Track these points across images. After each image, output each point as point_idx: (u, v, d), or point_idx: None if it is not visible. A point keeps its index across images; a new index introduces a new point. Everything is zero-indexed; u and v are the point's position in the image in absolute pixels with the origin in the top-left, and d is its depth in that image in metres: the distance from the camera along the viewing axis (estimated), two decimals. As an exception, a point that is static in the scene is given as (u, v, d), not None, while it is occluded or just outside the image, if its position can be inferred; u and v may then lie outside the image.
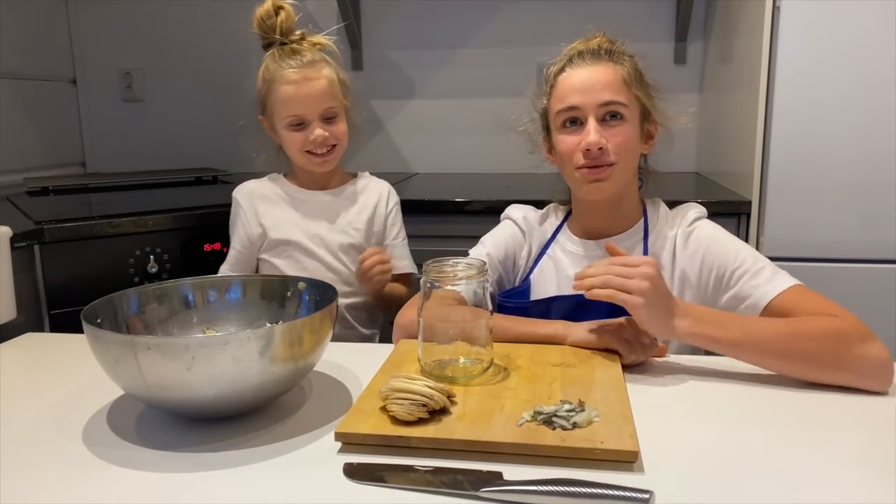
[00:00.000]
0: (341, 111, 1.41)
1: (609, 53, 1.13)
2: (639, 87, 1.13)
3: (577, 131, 1.12)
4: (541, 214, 1.28)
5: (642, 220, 1.19)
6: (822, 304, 0.99)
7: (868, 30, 1.60)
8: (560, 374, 0.92)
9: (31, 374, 1.05)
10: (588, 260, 1.17)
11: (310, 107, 1.36)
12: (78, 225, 1.65)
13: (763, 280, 1.05)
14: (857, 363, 0.89)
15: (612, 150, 1.10)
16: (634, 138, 1.13)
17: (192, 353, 0.74)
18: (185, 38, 2.61)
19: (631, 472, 0.71)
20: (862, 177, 1.65)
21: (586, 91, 1.11)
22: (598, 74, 1.11)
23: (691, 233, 1.15)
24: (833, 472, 0.72)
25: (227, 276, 1.38)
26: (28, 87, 2.45)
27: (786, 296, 1.02)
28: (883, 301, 1.65)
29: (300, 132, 1.38)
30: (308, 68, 1.35)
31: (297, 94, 1.35)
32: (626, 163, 1.12)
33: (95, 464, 0.75)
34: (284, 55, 1.36)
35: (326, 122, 1.38)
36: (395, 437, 0.76)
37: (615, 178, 1.12)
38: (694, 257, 1.13)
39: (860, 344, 0.90)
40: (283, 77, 1.34)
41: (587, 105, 1.10)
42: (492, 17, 2.45)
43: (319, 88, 1.35)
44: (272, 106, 1.39)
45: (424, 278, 0.93)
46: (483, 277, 0.92)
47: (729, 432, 0.80)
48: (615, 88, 1.10)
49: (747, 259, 1.08)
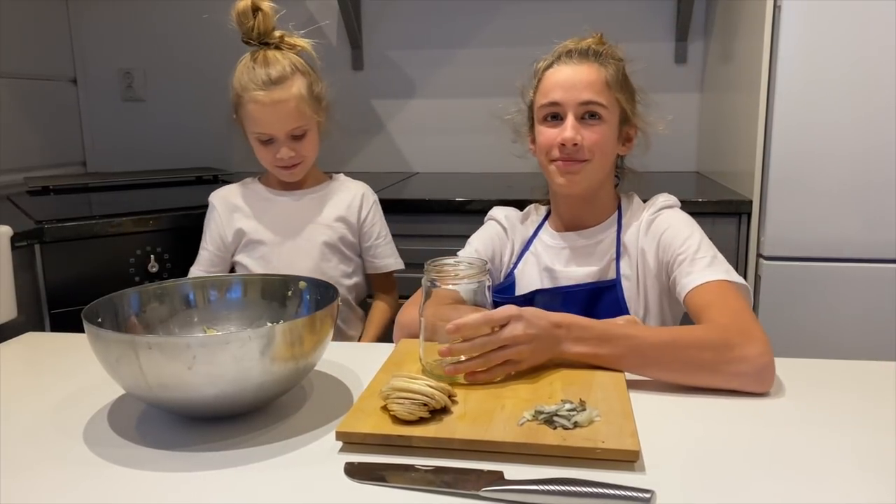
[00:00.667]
0: (311, 127, 1.40)
1: (596, 55, 1.17)
2: (620, 90, 1.17)
3: (557, 126, 1.16)
4: (522, 214, 1.33)
5: (616, 213, 1.23)
6: (730, 305, 0.99)
7: (869, 29, 1.60)
8: (561, 374, 0.92)
9: (31, 373, 1.05)
10: (567, 251, 1.23)
11: (277, 127, 1.36)
12: (78, 224, 1.65)
13: (696, 269, 1.07)
14: (732, 368, 0.89)
15: (586, 146, 1.14)
16: (610, 139, 1.17)
17: (194, 352, 0.74)
18: (185, 38, 2.61)
19: (632, 472, 0.71)
20: (862, 176, 1.65)
21: (568, 88, 1.15)
22: (581, 74, 1.15)
23: (654, 220, 1.19)
24: (834, 472, 0.72)
25: (228, 275, 1.39)
26: (28, 87, 2.45)
27: (702, 289, 1.04)
28: (883, 301, 1.65)
29: (268, 148, 1.39)
30: (277, 88, 1.33)
31: (265, 116, 1.35)
32: (599, 161, 1.16)
33: (96, 463, 0.75)
34: (257, 65, 1.34)
35: (294, 140, 1.38)
36: (396, 437, 0.76)
37: (587, 174, 1.16)
38: (652, 242, 1.17)
39: (737, 349, 0.89)
40: (251, 96, 1.34)
41: (568, 102, 1.14)
42: (492, 17, 2.45)
43: (286, 110, 1.34)
44: (242, 117, 1.39)
45: (425, 278, 0.93)
46: (484, 276, 0.93)
47: (730, 432, 0.80)
48: (596, 89, 1.14)
49: (691, 247, 1.10)
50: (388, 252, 1.55)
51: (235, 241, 1.47)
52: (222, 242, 1.47)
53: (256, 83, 1.33)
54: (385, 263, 1.53)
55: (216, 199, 1.50)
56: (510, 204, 1.39)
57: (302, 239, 1.45)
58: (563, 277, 1.22)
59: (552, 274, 1.23)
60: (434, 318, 0.92)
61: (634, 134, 1.23)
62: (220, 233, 1.47)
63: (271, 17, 1.36)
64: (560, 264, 1.23)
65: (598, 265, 1.21)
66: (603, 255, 1.21)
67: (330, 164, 1.47)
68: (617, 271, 1.19)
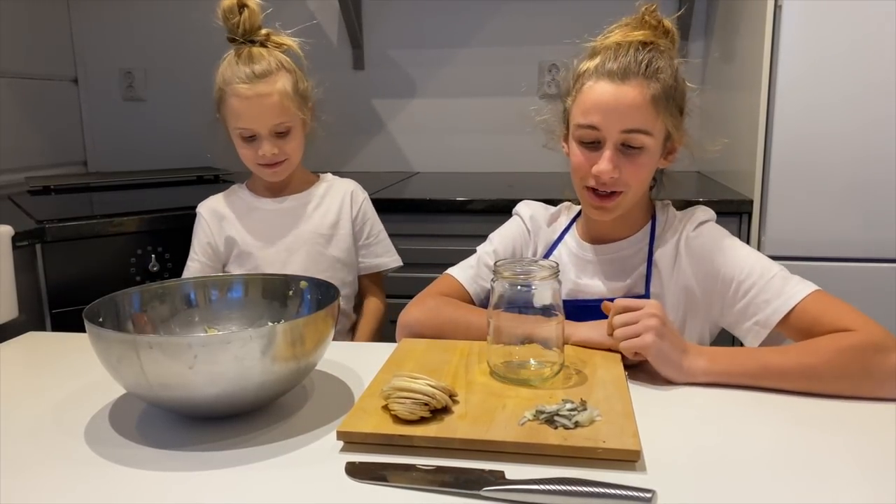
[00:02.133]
0: (296, 125, 1.36)
1: (645, 65, 1.03)
2: (668, 104, 1.04)
3: (594, 149, 1.06)
4: (550, 214, 1.25)
5: (649, 225, 1.15)
6: (842, 312, 0.95)
7: (870, 29, 1.60)
8: (561, 374, 0.91)
9: (32, 373, 1.05)
10: (591, 265, 1.15)
11: (259, 123, 1.33)
12: (79, 224, 1.65)
13: (773, 293, 1.00)
14: (876, 376, 0.87)
15: (623, 179, 1.05)
16: (652, 166, 1.08)
17: (195, 351, 0.74)
18: (186, 38, 2.61)
19: (633, 472, 0.71)
20: (863, 176, 1.65)
21: (608, 113, 1.03)
22: (625, 97, 1.02)
23: (695, 238, 1.11)
24: (835, 472, 0.72)
25: (229, 274, 1.38)
26: (29, 87, 2.45)
27: (804, 306, 0.97)
28: (884, 300, 1.65)
29: (250, 145, 1.35)
30: (261, 82, 1.31)
31: (247, 110, 1.32)
32: (636, 191, 1.08)
33: (97, 462, 0.75)
34: (241, 61, 1.32)
35: (278, 137, 1.35)
36: (397, 437, 0.76)
37: (622, 205, 1.08)
38: (697, 265, 1.09)
39: (879, 356, 0.88)
40: (234, 90, 1.31)
41: (607, 129, 1.03)
42: (493, 17, 2.45)
43: (270, 105, 1.31)
44: (225, 113, 1.36)
45: (496, 279, 0.92)
46: (555, 279, 0.91)
47: (731, 432, 0.80)
48: (641, 115, 1.02)
49: (755, 269, 1.03)
50: (386, 250, 1.52)
51: (227, 251, 1.44)
52: (213, 252, 1.44)
53: (240, 77, 1.31)
54: (382, 262, 1.51)
55: (203, 209, 1.46)
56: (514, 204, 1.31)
57: (295, 246, 1.42)
58: (589, 291, 1.14)
59: (574, 286, 1.15)
60: (503, 319, 0.91)
61: (681, 143, 1.11)
62: (211, 241, 1.44)
63: (257, 14, 1.34)
64: (585, 276, 1.15)
65: (625, 281, 1.13)
66: (632, 271, 1.13)
67: (330, 164, 1.47)
68: (646, 288, 1.11)
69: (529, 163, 2.42)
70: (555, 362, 0.91)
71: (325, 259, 1.43)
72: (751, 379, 0.90)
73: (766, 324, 1.00)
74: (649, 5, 1.08)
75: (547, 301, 0.90)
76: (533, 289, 0.90)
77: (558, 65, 2.39)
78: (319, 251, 1.43)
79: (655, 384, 0.92)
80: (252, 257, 1.42)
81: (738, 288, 1.04)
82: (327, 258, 1.43)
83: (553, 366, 0.91)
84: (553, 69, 2.40)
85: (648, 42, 1.06)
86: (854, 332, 0.92)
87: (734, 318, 1.05)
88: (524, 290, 0.90)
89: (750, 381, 0.90)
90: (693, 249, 1.10)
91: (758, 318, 1.01)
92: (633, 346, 0.91)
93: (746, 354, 0.94)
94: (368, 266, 1.51)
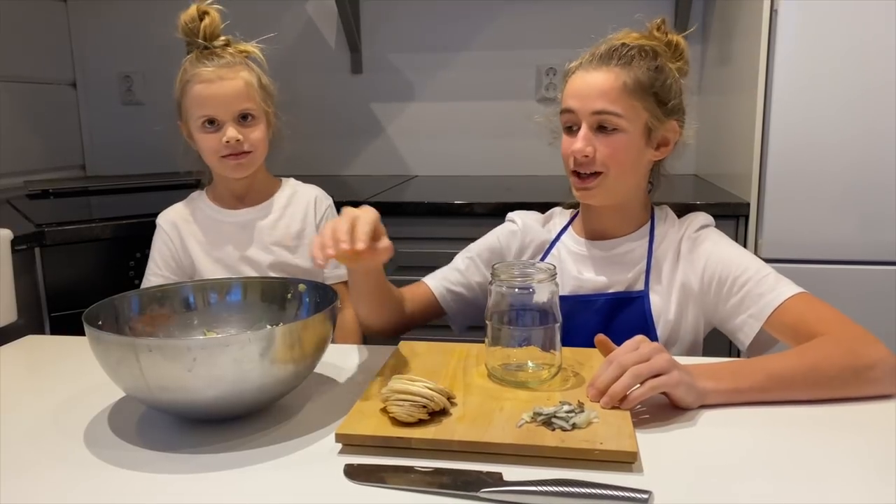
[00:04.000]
0: (260, 115, 1.33)
1: (622, 57, 1.08)
2: (645, 94, 1.08)
3: (574, 135, 1.10)
4: (543, 217, 1.27)
5: (648, 224, 1.17)
6: (824, 313, 0.99)
7: (866, 32, 1.60)
8: (559, 376, 0.92)
9: (31, 376, 1.05)
10: (593, 259, 1.17)
11: (223, 107, 1.29)
12: (78, 227, 1.65)
13: (767, 288, 1.04)
14: (866, 375, 0.88)
15: (599, 159, 1.08)
16: (630, 148, 1.09)
17: (194, 354, 0.74)
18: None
19: (630, 473, 0.72)
20: (861, 178, 1.66)
21: (582, 97, 1.09)
22: (596, 81, 1.08)
23: (696, 239, 1.14)
24: (833, 473, 0.72)
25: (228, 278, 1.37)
26: (28, 91, 2.45)
27: (790, 304, 1.01)
28: (882, 303, 1.66)
29: (213, 134, 1.30)
30: (224, 68, 1.29)
31: (210, 93, 1.28)
32: (617, 173, 1.10)
33: (96, 465, 0.76)
34: (203, 57, 1.30)
35: (242, 125, 1.31)
36: (396, 439, 0.76)
37: (605, 187, 1.10)
38: (696, 263, 1.12)
39: (864, 356, 0.89)
40: (196, 76, 1.29)
41: (581, 111, 1.09)
42: (491, 21, 2.46)
43: (234, 88, 1.29)
44: (186, 108, 1.32)
45: (494, 281, 0.92)
46: (553, 282, 0.91)
47: (728, 433, 0.81)
48: (611, 97, 1.07)
49: (750, 267, 1.07)
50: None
51: (190, 264, 1.39)
52: (177, 265, 1.39)
53: (204, 66, 1.29)
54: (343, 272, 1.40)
55: (163, 221, 1.41)
56: (512, 207, 1.33)
57: (259, 258, 1.37)
58: (587, 286, 1.16)
59: (575, 281, 1.17)
60: (500, 322, 0.91)
61: (675, 137, 1.14)
62: (174, 255, 1.39)
63: (218, 22, 1.32)
64: (586, 271, 1.17)
65: (624, 276, 1.15)
66: (632, 266, 1.15)
67: (328, 168, 1.46)
68: (646, 284, 1.13)
69: (528, 166, 2.42)
70: (552, 364, 0.91)
71: (292, 269, 1.38)
72: (759, 393, 0.88)
73: (759, 316, 1.03)
74: (658, 21, 1.14)
75: (544, 303, 0.91)
76: (531, 291, 0.90)
77: (556, 68, 2.40)
78: (285, 262, 1.38)
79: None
80: (216, 270, 1.37)
81: (733, 283, 1.07)
82: (293, 269, 1.38)
83: (550, 368, 0.91)
84: (551, 73, 2.41)
85: (637, 44, 1.11)
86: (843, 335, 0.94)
87: (728, 313, 1.08)
88: (522, 292, 0.91)
89: (759, 396, 0.88)
90: (693, 248, 1.14)
91: (751, 311, 1.04)
92: (662, 384, 0.83)
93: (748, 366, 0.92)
94: (335, 276, 1.42)
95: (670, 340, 1.13)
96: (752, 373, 0.89)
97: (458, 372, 0.94)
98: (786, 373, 0.89)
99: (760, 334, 1.04)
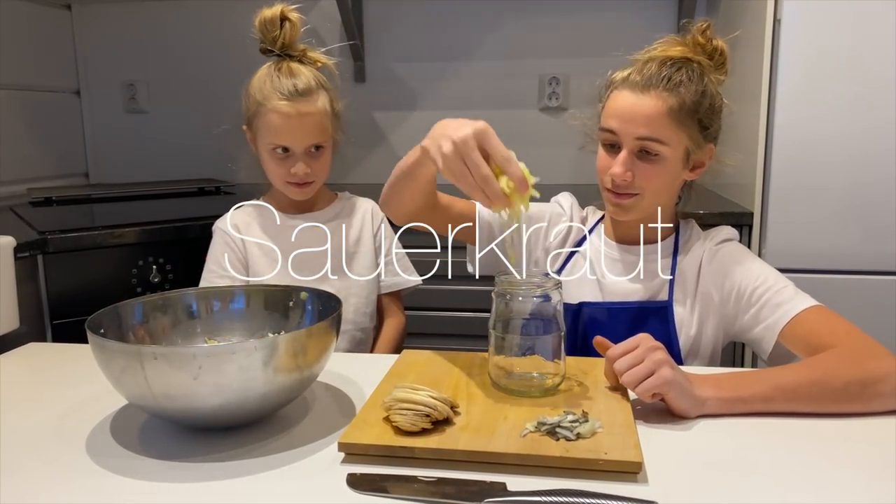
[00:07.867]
0: (328, 144, 1.35)
1: (669, 80, 1.07)
2: (689, 119, 1.07)
3: (613, 153, 1.11)
4: (582, 210, 1.29)
5: (674, 236, 1.19)
6: (838, 326, 0.99)
7: (869, 43, 1.61)
8: (563, 385, 0.92)
9: (33, 384, 1.05)
10: (620, 263, 1.18)
11: (298, 141, 1.30)
12: (81, 235, 1.65)
13: (783, 300, 1.04)
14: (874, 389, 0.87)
15: (637, 183, 1.10)
16: (668, 174, 1.10)
17: (200, 362, 0.74)
18: (188, 50, 2.62)
19: (635, 483, 0.71)
20: (863, 188, 1.66)
21: (626, 120, 1.08)
22: (643, 106, 1.06)
23: (718, 251, 1.16)
24: (837, 481, 0.72)
25: (230, 286, 1.37)
26: (32, 99, 2.46)
27: (804, 316, 1.01)
28: (884, 313, 1.65)
29: (282, 161, 1.32)
30: (302, 101, 1.28)
31: (287, 128, 1.29)
32: (654, 194, 1.11)
33: (99, 473, 0.75)
34: (282, 75, 1.29)
35: (311, 156, 1.33)
36: (399, 448, 0.76)
37: (639, 207, 1.12)
38: (717, 274, 1.13)
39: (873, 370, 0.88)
40: (275, 106, 1.27)
41: (623, 134, 1.08)
42: (494, 30, 2.47)
43: (310, 124, 1.30)
44: (259, 127, 1.32)
45: (497, 289, 0.92)
46: (557, 291, 0.91)
47: (733, 442, 0.80)
48: (656, 124, 1.06)
49: (769, 279, 1.08)
50: (403, 268, 1.48)
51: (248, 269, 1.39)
52: (242, 267, 1.38)
53: (282, 93, 1.27)
54: (402, 280, 1.47)
55: (226, 227, 1.40)
56: None
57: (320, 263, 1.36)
58: (612, 291, 1.17)
59: (601, 286, 1.18)
60: (503, 331, 0.91)
61: (709, 158, 1.15)
62: (238, 257, 1.38)
63: (298, 29, 1.31)
64: (612, 273, 1.18)
65: (649, 283, 1.16)
66: (655, 276, 1.16)
67: (331, 176, 1.45)
68: (670, 294, 1.15)
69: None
70: (556, 374, 0.91)
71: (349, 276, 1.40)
72: (763, 403, 0.87)
73: (773, 327, 1.04)
74: (702, 24, 1.12)
75: (548, 313, 0.91)
76: (535, 299, 0.90)
77: (559, 78, 2.40)
78: (344, 268, 1.40)
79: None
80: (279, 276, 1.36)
81: (752, 294, 1.08)
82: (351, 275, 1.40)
83: (554, 377, 0.91)
84: (554, 82, 2.41)
85: (683, 58, 1.10)
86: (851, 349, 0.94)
87: (746, 325, 1.09)
88: (526, 301, 0.91)
89: (762, 406, 0.87)
90: (714, 260, 1.15)
91: (767, 322, 1.05)
92: (653, 385, 0.83)
93: (752, 375, 0.92)
94: (388, 284, 1.47)
95: (692, 351, 1.14)
96: (755, 382, 0.89)
97: (462, 381, 0.94)
98: (790, 384, 0.88)
99: (779, 347, 1.04)
